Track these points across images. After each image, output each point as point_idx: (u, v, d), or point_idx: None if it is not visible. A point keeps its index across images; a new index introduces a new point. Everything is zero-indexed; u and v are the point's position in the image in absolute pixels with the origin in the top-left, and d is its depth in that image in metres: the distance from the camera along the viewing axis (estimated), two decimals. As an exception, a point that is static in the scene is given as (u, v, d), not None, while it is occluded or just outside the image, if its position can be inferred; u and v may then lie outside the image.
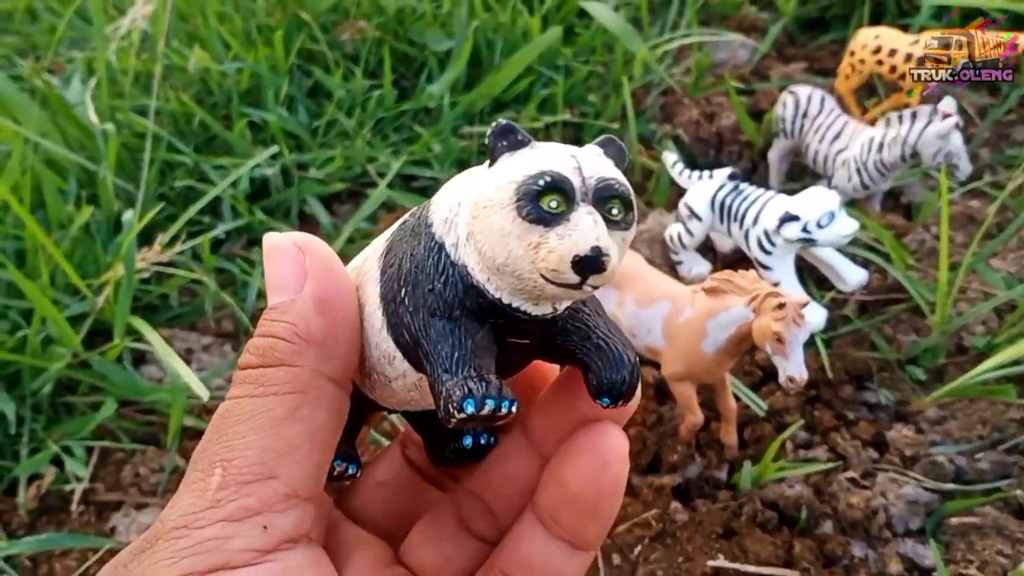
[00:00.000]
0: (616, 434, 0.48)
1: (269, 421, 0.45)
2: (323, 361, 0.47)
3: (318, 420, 0.46)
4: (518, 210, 0.41)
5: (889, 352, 1.40)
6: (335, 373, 0.48)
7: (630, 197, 0.43)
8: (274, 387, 0.46)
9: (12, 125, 1.67)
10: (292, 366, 0.46)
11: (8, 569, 1.21)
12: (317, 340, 0.47)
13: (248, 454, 0.44)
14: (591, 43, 2.05)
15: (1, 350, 1.35)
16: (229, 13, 2.11)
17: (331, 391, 0.47)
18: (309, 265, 0.48)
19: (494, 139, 0.44)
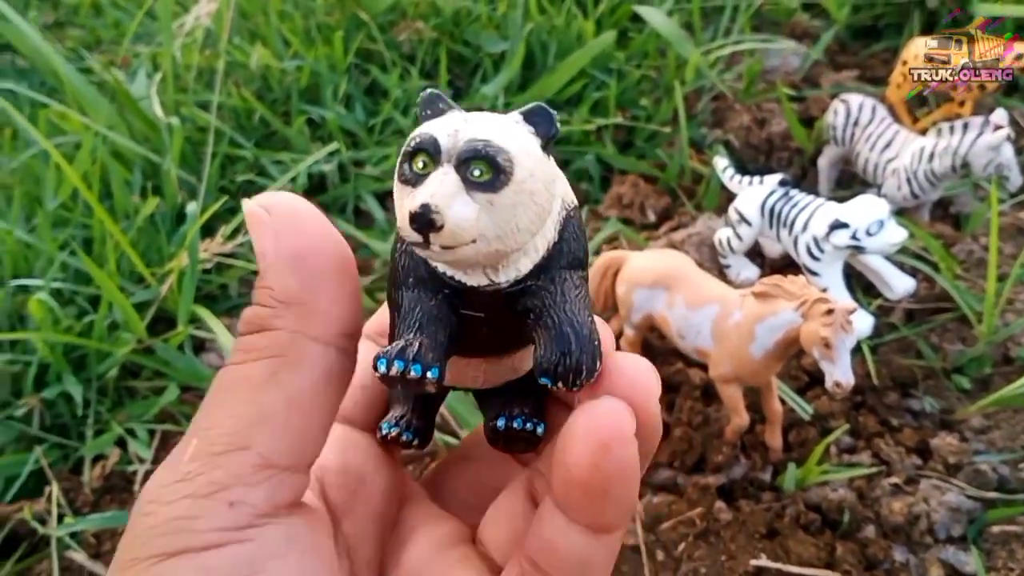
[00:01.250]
0: (614, 411, 0.43)
1: (247, 387, 0.43)
2: (303, 320, 0.44)
3: (296, 383, 0.44)
4: (398, 173, 0.43)
5: (935, 360, 1.41)
6: (319, 332, 0.45)
7: (497, 158, 0.41)
8: (255, 352, 0.44)
9: (81, 117, 1.72)
10: (271, 329, 0.44)
11: (73, 544, 1.25)
12: (293, 299, 0.44)
13: (223, 423, 0.43)
14: (644, 47, 2.07)
15: (69, 334, 1.40)
16: (290, 12, 2.16)
17: (315, 352, 0.45)
18: (274, 224, 0.45)
19: (420, 108, 0.46)
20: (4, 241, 1.54)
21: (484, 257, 0.42)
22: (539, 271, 0.44)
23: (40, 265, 1.54)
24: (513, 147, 0.41)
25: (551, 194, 0.43)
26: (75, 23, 2.70)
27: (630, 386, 0.44)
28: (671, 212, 1.78)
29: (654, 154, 1.88)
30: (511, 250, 0.42)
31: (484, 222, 0.40)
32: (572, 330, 0.43)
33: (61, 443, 1.39)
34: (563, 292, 0.44)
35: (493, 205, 0.40)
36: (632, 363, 0.44)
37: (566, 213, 0.45)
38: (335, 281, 0.45)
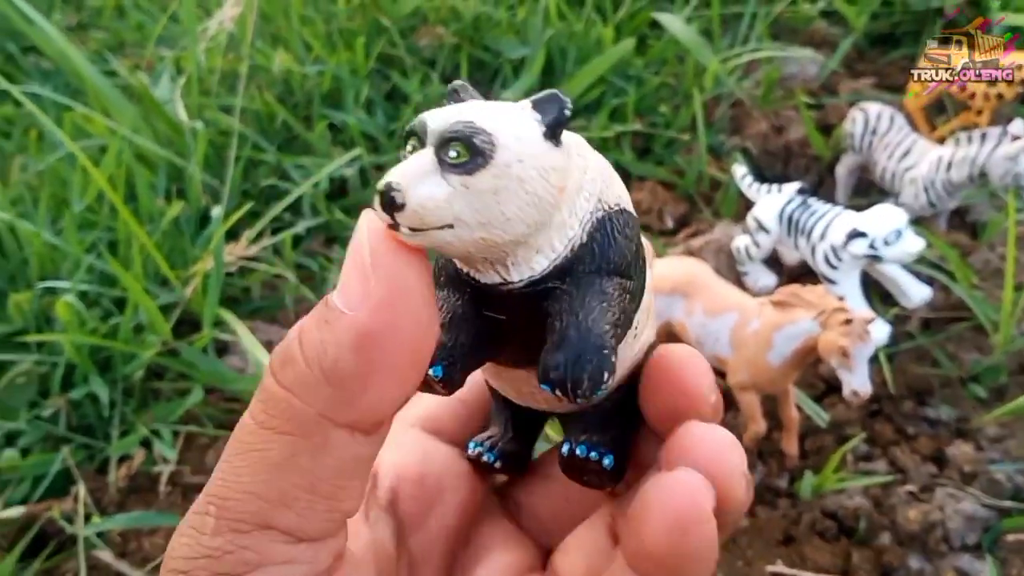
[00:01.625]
0: (692, 488, 0.40)
1: (263, 464, 0.39)
2: (336, 406, 0.38)
3: (319, 471, 0.39)
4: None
5: (951, 369, 1.42)
6: (352, 421, 0.39)
7: (474, 139, 0.38)
8: (276, 420, 0.39)
9: (106, 120, 1.75)
10: (298, 399, 0.39)
11: (100, 543, 1.27)
12: (337, 380, 0.38)
13: (241, 498, 0.39)
14: (663, 54, 2.08)
15: (95, 336, 1.42)
16: (312, 16, 2.18)
17: (340, 439, 0.39)
18: (372, 289, 0.38)
19: (446, 98, 0.45)
20: (31, 243, 1.57)
21: (475, 247, 0.39)
22: (562, 273, 0.41)
23: (67, 267, 1.56)
24: (499, 129, 0.39)
25: (553, 185, 0.40)
26: (98, 25, 2.72)
27: (709, 460, 0.41)
28: (689, 219, 1.79)
29: (672, 161, 1.89)
30: (502, 241, 0.39)
31: (459, 206, 0.38)
32: (578, 335, 0.39)
33: (87, 443, 1.41)
34: (583, 297, 0.40)
35: (468, 189, 0.38)
36: (712, 435, 0.42)
37: (604, 213, 0.42)
38: (396, 378, 0.39)
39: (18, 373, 1.45)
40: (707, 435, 0.42)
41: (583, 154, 0.42)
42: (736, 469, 0.41)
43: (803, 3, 2.18)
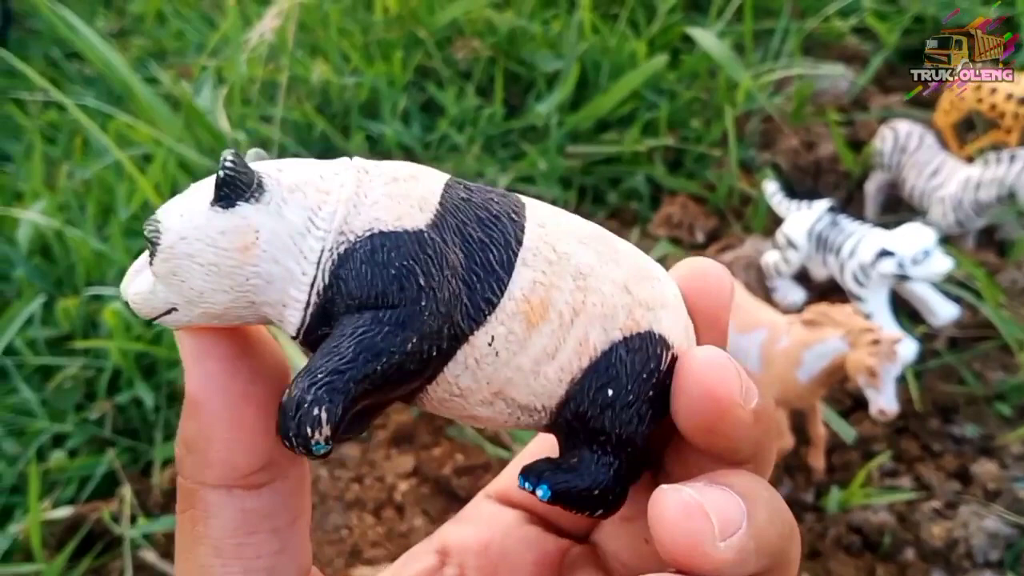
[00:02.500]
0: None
1: (181, 545, 0.43)
2: (200, 470, 0.42)
3: (216, 533, 0.42)
4: None
5: (977, 388, 1.44)
6: (216, 479, 0.42)
7: (146, 231, 0.39)
8: (179, 504, 0.43)
9: (150, 129, 1.79)
10: (179, 477, 0.43)
11: (145, 544, 1.32)
12: (191, 447, 0.42)
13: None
14: (695, 69, 2.11)
15: (141, 342, 1.46)
16: (350, 28, 2.22)
17: (217, 499, 0.42)
18: (184, 361, 0.42)
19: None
20: (79, 250, 1.61)
21: (212, 319, 0.40)
22: (324, 319, 0.40)
23: (113, 274, 1.60)
24: (166, 214, 0.39)
25: (225, 248, 0.39)
26: (139, 32, 2.77)
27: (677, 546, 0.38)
28: (719, 233, 1.82)
29: (703, 175, 1.92)
30: (223, 310, 0.39)
31: (164, 292, 0.39)
32: (288, 391, 0.38)
33: (132, 446, 1.45)
34: (324, 342, 0.39)
35: (157, 276, 0.39)
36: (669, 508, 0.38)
37: (348, 246, 0.39)
38: (230, 427, 0.42)
39: (66, 377, 1.49)
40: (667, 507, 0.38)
41: (326, 187, 0.40)
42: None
43: (835, 19, 2.20)
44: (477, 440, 1.40)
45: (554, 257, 0.42)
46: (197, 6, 2.75)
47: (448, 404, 0.42)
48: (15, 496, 1.40)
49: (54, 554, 1.30)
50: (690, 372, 0.41)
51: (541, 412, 0.43)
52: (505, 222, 0.42)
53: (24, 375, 1.50)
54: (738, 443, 0.42)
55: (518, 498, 0.54)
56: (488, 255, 0.41)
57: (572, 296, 0.42)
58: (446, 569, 0.51)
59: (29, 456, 1.40)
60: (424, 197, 0.41)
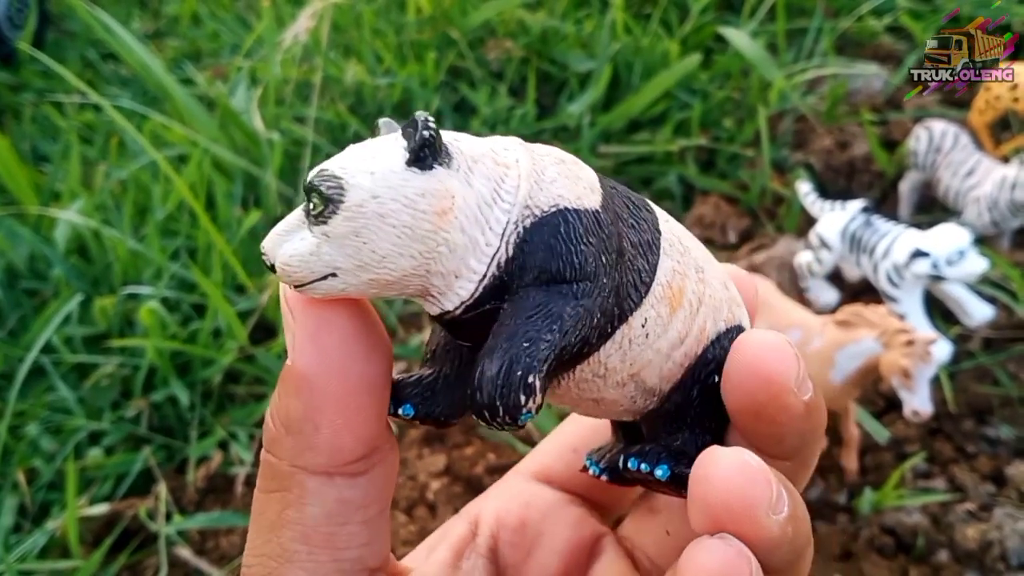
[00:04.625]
0: (728, 561, 0.36)
1: (262, 526, 0.41)
2: (300, 454, 0.40)
3: (309, 521, 0.40)
4: None
5: (1012, 389, 1.43)
6: (318, 465, 0.40)
7: (322, 186, 0.37)
8: (263, 482, 0.41)
9: (185, 130, 1.81)
10: (273, 456, 0.41)
11: (180, 541, 1.33)
12: (294, 429, 0.40)
13: (255, 562, 0.41)
14: (728, 69, 2.10)
15: (176, 341, 1.48)
16: (383, 29, 2.23)
17: (316, 486, 0.40)
18: (295, 338, 0.40)
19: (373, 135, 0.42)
20: (115, 249, 1.63)
21: (373, 288, 0.38)
22: (499, 292, 0.39)
23: (149, 273, 1.62)
24: (350, 171, 0.38)
25: (424, 211, 0.37)
26: (175, 33, 2.80)
27: (734, 505, 0.37)
28: (752, 233, 1.81)
29: (736, 175, 1.91)
30: (396, 277, 0.38)
31: (331, 255, 0.37)
32: (488, 362, 0.37)
33: (167, 444, 1.47)
34: (513, 316, 0.38)
35: (330, 237, 0.37)
36: (736, 468, 0.37)
37: (534, 220, 0.39)
38: (343, 410, 0.40)
39: (102, 375, 1.51)
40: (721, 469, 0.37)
41: (504, 161, 0.40)
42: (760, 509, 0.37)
43: (868, 18, 2.19)
44: (509, 440, 1.41)
45: (682, 248, 0.44)
46: (232, 8, 2.78)
47: (584, 385, 0.42)
48: (53, 493, 1.42)
49: (91, 550, 1.32)
50: (747, 350, 0.41)
51: (656, 396, 0.44)
52: (645, 212, 0.43)
53: (61, 373, 1.52)
54: (784, 433, 0.42)
55: (562, 478, 0.54)
56: (642, 240, 0.42)
57: (697, 287, 0.43)
58: (478, 539, 0.51)
59: (66, 453, 1.42)
60: (591, 181, 0.41)
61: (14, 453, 1.44)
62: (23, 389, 1.46)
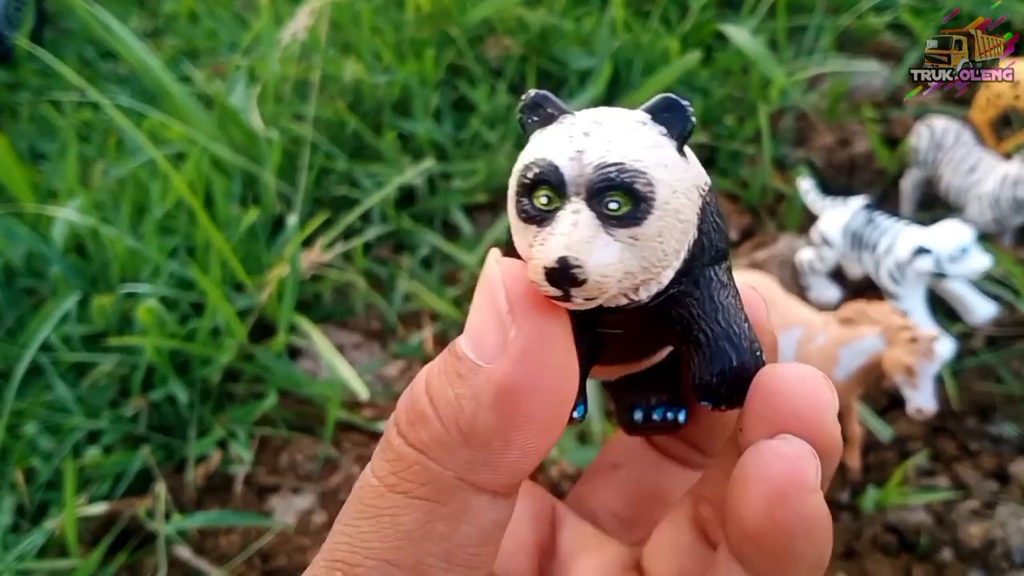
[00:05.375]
0: (798, 456, 0.35)
1: (395, 531, 0.36)
2: (476, 468, 0.36)
3: (458, 539, 0.36)
4: (516, 207, 0.37)
5: (1015, 386, 1.43)
6: (492, 485, 0.36)
7: (635, 185, 0.34)
8: (407, 484, 0.36)
9: (183, 128, 1.80)
10: (434, 462, 0.36)
11: (179, 540, 1.32)
12: (478, 442, 0.35)
13: (370, 564, 0.35)
14: (728, 66, 2.10)
15: (175, 339, 1.47)
16: (382, 26, 2.22)
17: (480, 504, 0.36)
18: (511, 340, 0.35)
19: (524, 114, 0.38)
20: (113, 247, 1.62)
21: (628, 288, 0.37)
22: (681, 275, 0.37)
23: (147, 271, 1.61)
24: (650, 164, 0.35)
25: (695, 202, 0.37)
26: (173, 31, 2.79)
27: (801, 407, 0.36)
28: (753, 231, 1.81)
29: (737, 172, 1.91)
30: (653, 275, 0.36)
31: (629, 260, 0.35)
32: (730, 344, 0.38)
33: (166, 443, 1.46)
34: (711, 297, 0.38)
35: (639, 240, 0.35)
36: (799, 376, 0.37)
37: (702, 200, 0.38)
38: (540, 434, 0.36)
39: (101, 374, 1.50)
40: (793, 376, 0.37)
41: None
42: (830, 409, 0.37)
43: (869, 15, 2.18)
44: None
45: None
46: (230, 5, 2.77)
47: None
48: (51, 492, 1.41)
49: (89, 550, 1.32)
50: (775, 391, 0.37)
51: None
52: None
53: (59, 372, 1.51)
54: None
55: None
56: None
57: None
58: None
59: (65, 452, 1.41)
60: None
61: (12, 452, 1.43)
62: (21, 388, 1.45)
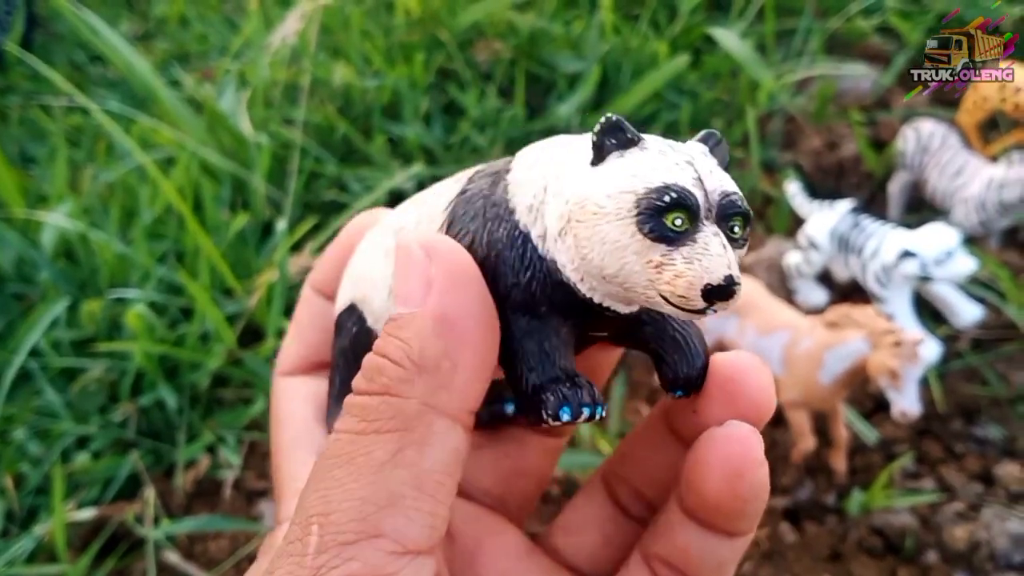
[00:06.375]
0: (746, 438, 0.43)
1: (369, 467, 0.39)
2: (435, 392, 0.40)
3: (426, 464, 0.39)
4: (639, 226, 0.39)
5: (1000, 389, 1.43)
6: (450, 407, 0.40)
7: (750, 212, 0.41)
8: (376, 423, 0.40)
9: (173, 132, 1.80)
10: (397, 396, 0.40)
11: (168, 545, 1.33)
12: (430, 366, 0.40)
13: (346, 507, 0.38)
14: (717, 69, 2.10)
15: (164, 344, 1.47)
16: (371, 30, 2.22)
17: (443, 428, 0.40)
18: (434, 274, 0.41)
19: (603, 136, 0.42)
20: (102, 253, 1.62)
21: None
22: None
23: (136, 277, 1.61)
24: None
25: None
26: (162, 35, 2.79)
27: (752, 388, 0.45)
28: (741, 234, 1.81)
29: (725, 176, 1.91)
30: None
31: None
32: (699, 341, 0.46)
33: (155, 448, 1.46)
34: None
35: (740, 259, 0.41)
36: (748, 364, 0.46)
37: None
38: (479, 353, 0.41)
39: (90, 379, 1.50)
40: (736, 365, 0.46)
41: None
42: (767, 387, 0.46)
43: (858, 18, 2.19)
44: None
45: None
46: (219, 9, 2.77)
47: None
48: (40, 497, 1.42)
49: (78, 555, 1.32)
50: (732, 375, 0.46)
51: None
52: None
53: (48, 377, 1.51)
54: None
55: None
56: None
57: None
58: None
59: (53, 458, 1.41)
60: None
61: (1, 458, 1.43)
62: (10, 393, 1.46)
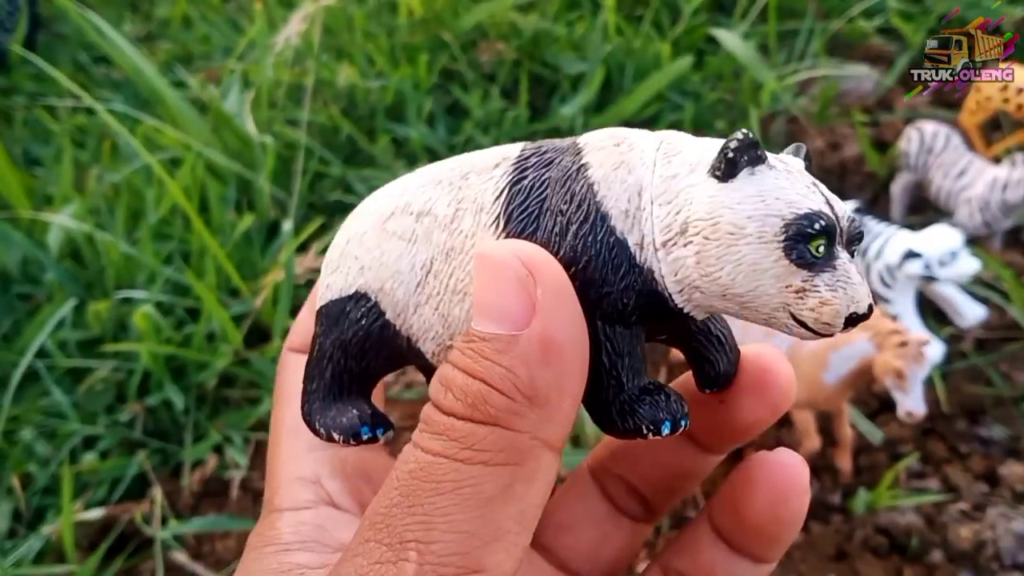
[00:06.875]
0: (795, 464, 0.46)
1: (477, 500, 0.36)
2: (542, 425, 0.37)
3: (532, 499, 0.38)
4: (785, 251, 0.39)
5: (1005, 389, 1.44)
6: (555, 439, 0.38)
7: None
8: (486, 454, 0.37)
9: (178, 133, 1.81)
10: (508, 429, 0.37)
11: (175, 545, 1.33)
12: (540, 399, 0.37)
13: (449, 539, 0.36)
14: (720, 70, 2.11)
15: (171, 345, 1.48)
16: (375, 31, 2.23)
17: (549, 462, 0.38)
18: (540, 296, 0.37)
19: (741, 154, 0.41)
20: (109, 253, 1.63)
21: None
22: None
23: (142, 277, 1.62)
24: None
25: None
26: (166, 36, 2.79)
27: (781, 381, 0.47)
28: (745, 235, 1.81)
29: (728, 177, 1.91)
30: None
31: None
32: (733, 339, 0.47)
33: (162, 448, 1.47)
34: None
35: None
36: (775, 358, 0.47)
37: None
38: (580, 379, 0.39)
39: (96, 379, 1.51)
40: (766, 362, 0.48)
41: None
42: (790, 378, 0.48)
43: (860, 19, 2.19)
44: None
45: None
46: (223, 10, 2.77)
47: None
48: (48, 497, 1.42)
49: (86, 555, 1.32)
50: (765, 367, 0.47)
51: None
52: None
53: (55, 377, 1.52)
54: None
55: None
56: None
57: None
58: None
59: (61, 458, 1.42)
60: None
61: (9, 458, 1.44)
62: (17, 394, 1.46)
